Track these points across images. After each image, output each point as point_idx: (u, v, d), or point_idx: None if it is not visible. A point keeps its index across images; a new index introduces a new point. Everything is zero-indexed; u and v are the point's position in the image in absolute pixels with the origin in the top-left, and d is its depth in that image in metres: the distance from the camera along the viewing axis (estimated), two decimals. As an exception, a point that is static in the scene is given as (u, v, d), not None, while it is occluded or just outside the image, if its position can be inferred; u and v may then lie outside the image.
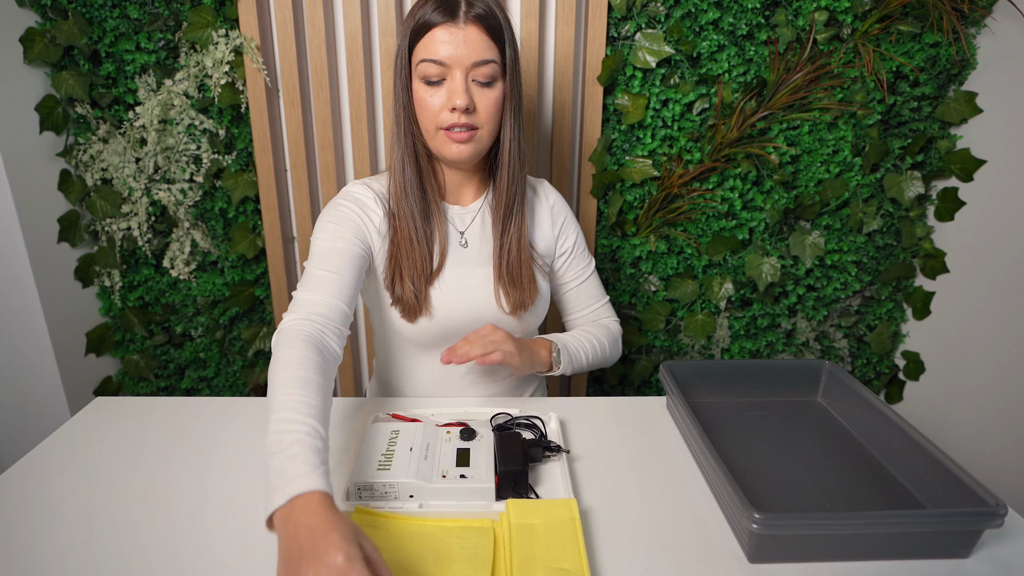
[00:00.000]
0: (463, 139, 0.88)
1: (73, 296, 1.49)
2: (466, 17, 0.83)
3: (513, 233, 0.96)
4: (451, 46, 0.83)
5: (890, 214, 1.51)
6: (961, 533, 0.66)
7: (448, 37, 0.83)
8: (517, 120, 0.92)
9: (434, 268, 0.95)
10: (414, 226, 0.93)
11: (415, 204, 0.93)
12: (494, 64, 0.86)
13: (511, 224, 0.96)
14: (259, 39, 1.33)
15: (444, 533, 0.66)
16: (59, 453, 0.84)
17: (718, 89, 1.37)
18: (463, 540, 0.65)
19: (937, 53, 1.38)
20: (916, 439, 0.77)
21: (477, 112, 0.87)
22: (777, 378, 0.97)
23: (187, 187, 1.45)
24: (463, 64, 0.84)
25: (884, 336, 1.61)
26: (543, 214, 1.04)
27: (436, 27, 0.83)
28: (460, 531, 0.67)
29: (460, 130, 0.87)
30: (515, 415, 0.88)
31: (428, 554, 0.63)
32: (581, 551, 0.64)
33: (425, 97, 0.87)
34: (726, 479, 0.68)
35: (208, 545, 0.68)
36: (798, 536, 0.65)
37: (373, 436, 0.79)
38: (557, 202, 1.06)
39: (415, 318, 0.94)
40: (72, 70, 1.35)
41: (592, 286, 1.10)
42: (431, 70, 0.85)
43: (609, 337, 1.08)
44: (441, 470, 0.73)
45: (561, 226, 1.05)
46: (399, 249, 0.93)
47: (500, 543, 0.66)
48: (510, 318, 0.98)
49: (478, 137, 0.89)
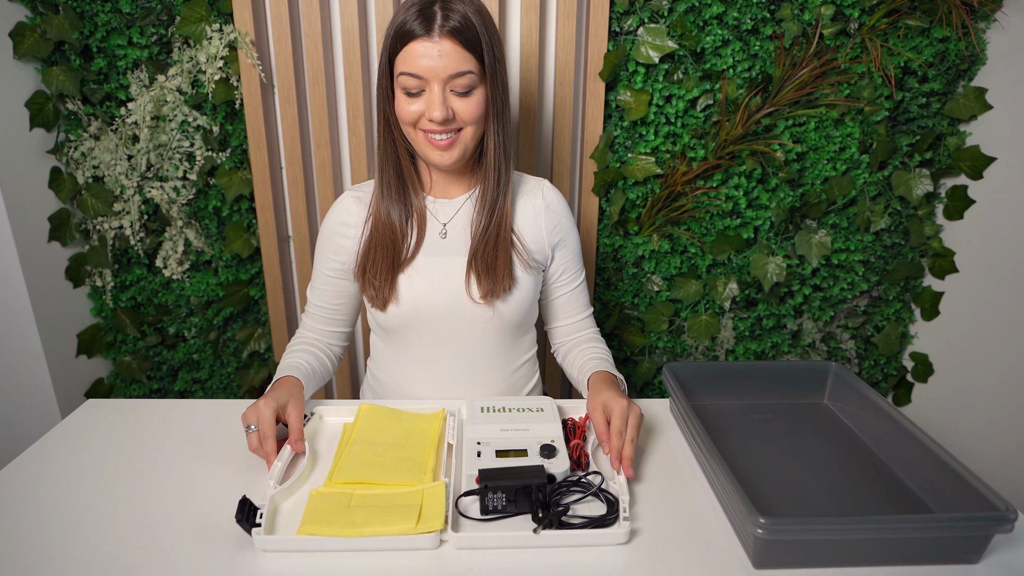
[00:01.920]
0: (445, 145, 0.92)
1: (64, 296, 1.49)
2: (441, 31, 0.86)
3: (492, 228, 0.99)
4: (427, 59, 0.87)
5: (898, 212, 1.51)
6: (971, 538, 0.66)
7: (424, 51, 0.87)
8: (501, 122, 0.95)
9: (405, 258, 0.99)
10: (388, 223, 0.99)
11: (392, 204, 0.99)
12: (471, 75, 0.89)
13: (492, 221, 0.99)
14: (254, 34, 1.33)
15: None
16: (50, 457, 0.84)
17: (722, 85, 1.37)
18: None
19: (946, 48, 1.38)
20: (925, 442, 0.77)
21: (458, 117, 0.91)
22: (782, 380, 0.97)
23: (180, 185, 1.45)
24: (440, 77, 0.88)
25: (892, 337, 1.61)
26: (537, 210, 1.04)
27: (413, 40, 0.87)
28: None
29: (442, 137, 0.92)
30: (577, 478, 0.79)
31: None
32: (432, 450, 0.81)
33: (405, 106, 0.91)
34: (730, 483, 0.68)
35: (200, 551, 0.68)
36: (804, 541, 0.65)
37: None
38: (555, 201, 1.06)
39: (384, 305, 0.99)
40: (63, 65, 1.35)
41: (582, 295, 1.10)
42: (410, 82, 0.89)
43: (609, 355, 1.09)
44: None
45: (556, 225, 1.04)
46: (371, 243, 0.99)
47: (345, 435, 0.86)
48: (480, 305, 0.98)
49: (461, 139, 0.93)
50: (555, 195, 1.07)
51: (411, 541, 0.67)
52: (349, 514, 0.70)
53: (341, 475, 0.78)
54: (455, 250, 1.00)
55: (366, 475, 0.77)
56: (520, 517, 0.72)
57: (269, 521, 0.70)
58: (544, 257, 1.04)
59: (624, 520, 0.70)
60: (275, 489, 0.73)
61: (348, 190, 1.05)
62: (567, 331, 1.10)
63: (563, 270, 1.06)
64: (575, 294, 1.09)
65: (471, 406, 0.90)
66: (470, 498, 0.75)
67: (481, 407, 0.89)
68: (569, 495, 0.75)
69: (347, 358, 1.59)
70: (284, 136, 1.41)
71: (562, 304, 1.09)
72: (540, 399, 0.91)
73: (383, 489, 0.75)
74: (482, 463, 0.77)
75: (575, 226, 1.08)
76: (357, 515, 0.70)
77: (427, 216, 1.02)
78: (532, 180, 1.08)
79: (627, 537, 0.69)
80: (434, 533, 0.68)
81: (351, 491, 0.75)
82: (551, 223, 1.04)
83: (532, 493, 0.71)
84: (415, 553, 0.67)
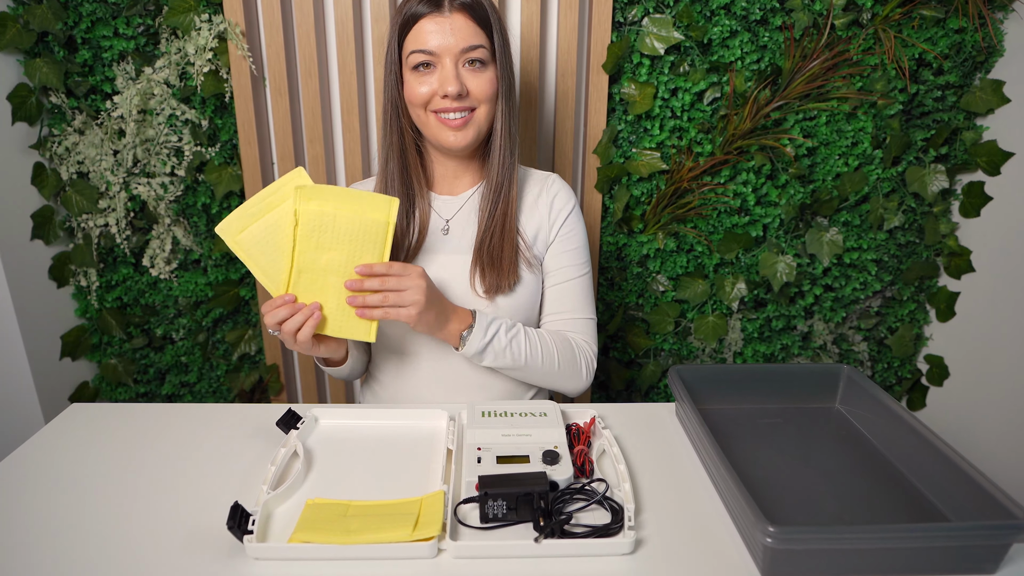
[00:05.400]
0: (458, 125, 0.94)
1: (47, 296, 1.49)
2: (451, 6, 0.90)
3: (499, 217, 0.99)
4: (439, 36, 0.90)
5: (912, 210, 1.51)
6: (987, 547, 0.66)
7: (435, 27, 0.90)
8: (509, 104, 0.97)
9: (405, 255, 1.00)
10: None
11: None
12: (483, 48, 0.92)
13: (498, 208, 0.99)
14: (244, 24, 1.33)
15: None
16: (32, 462, 0.84)
17: (730, 77, 1.37)
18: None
19: (962, 39, 1.38)
20: (940, 448, 0.77)
21: (471, 95, 0.93)
22: (793, 383, 0.97)
23: (168, 181, 1.45)
24: (452, 52, 0.91)
25: (906, 339, 1.61)
26: (541, 205, 1.04)
27: (423, 18, 0.90)
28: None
29: (455, 115, 0.93)
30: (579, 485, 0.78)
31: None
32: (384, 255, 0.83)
33: (416, 87, 0.93)
34: (739, 490, 0.68)
35: (190, 559, 0.68)
36: (815, 551, 0.65)
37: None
38: (561, 193, 1.06)
39: None
40: (46, 57, 1.35)
41: (578, 292, 1.04)
42: (421, 59, 0.91)
43: (566, 352, 1.00)
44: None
45: (559, 213, 1.04)
46: None
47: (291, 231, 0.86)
48: (484, 300, 0.99)
49: (475, 119, 0.95)
50: (562, 187, 1.06)
51: (408, 549, 0.68)
52: (344, 523, 0.70)
53: (296, 283, 0.86)
54: (457, 248, 1.01)
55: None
56: (521, 525, 0.72)
57: (261, 528, 0.70)
58: (543, 253, 1.04)
59: (629, 529, 0.70)
60: (268, 495, 0.74)
61: (353, 186, 1.07)
62: (553, 328, 1.05)
63: (557, 261, 1.04)
64: (571, 288, 1.03)
65: (471, 410, 0.90)
66: (469, 505, 0.75)
67: (482, 411, 0.89)
68: (572, 503, 0.75)
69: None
70: (275, 131, 1.42)
71: (554, 296, 1.04)
72: (543, 403, 0.91)
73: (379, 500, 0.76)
74: (482, 469, 0.77)
75: (581, 221, 1.07)
76: (352, 523, 0.70)
77: (430, 213, 1.03)
78: (539, 175, 1.09)
79: (632, 547, 0.69)
80: (432, 541, 0.68)
81: (348, 501, 0.75)
82: (555, 212, 1.04)
83: (534, 501, 0.71)
84: (412, 562, 0.68)
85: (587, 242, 1.08)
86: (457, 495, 0.76)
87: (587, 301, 1.06)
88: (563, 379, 1.02)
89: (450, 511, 0.72)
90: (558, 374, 1.00)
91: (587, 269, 1.06)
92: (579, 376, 1.03)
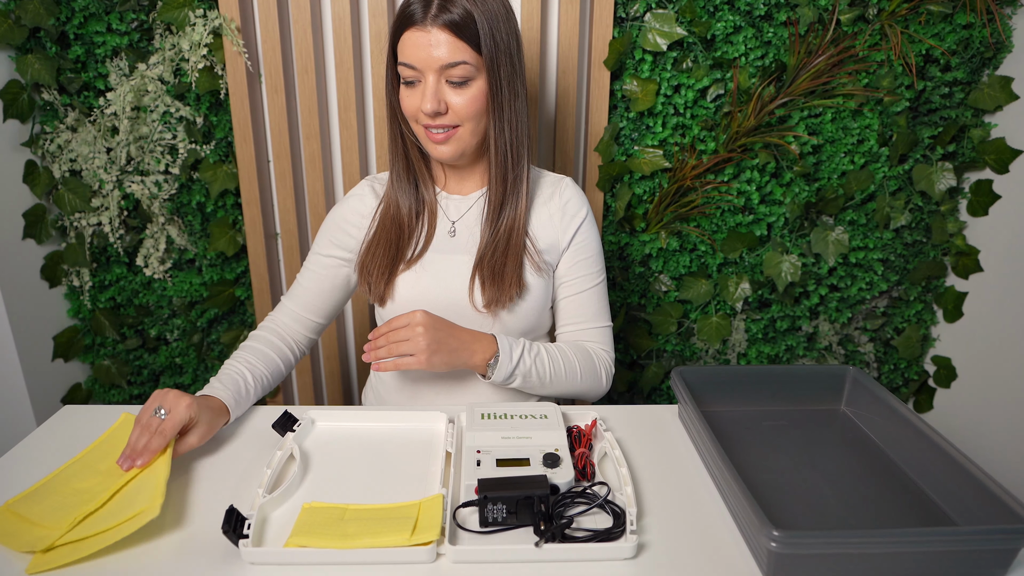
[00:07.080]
0: (441, 140, 0.94)
1: (39, 297, 1.49)
2: (433, 20, 0.87)
3: (505, 225, 0.99)
4: (420, 49, 0.88)
5: (919, 208, 1.52)
6: (996, 552, 0.66)
7: (416, 40, 0.88)
8: (505, 119, 0.94)
9: (411, 255, 1.01)
10: (396, 216, 1.02)
11: (401, 196, 1.02)
12: (466, 65, 0.89)
13: (504, 216, 0.99)
14: (239, 20, 1.33)
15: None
16: (24, 465, 0.84)
17: (734, 74, 1.37)
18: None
19: (970, 35, 1.38)
20: (947, 451, 0.77)
21: (453, 111, 0.92)
22: (797, 385, 0.97)
23: (162, 179, 1.45)
24: (432, 68, 0.89)
25: (913, 340, 1.61)
26: (553, 211, 1.04)
27: (408, 29, 0.89)
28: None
29: (437, 131, 0.93)
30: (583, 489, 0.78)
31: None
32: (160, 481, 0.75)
33: (405, 99, 0.94)
34: (742, 494, 0.68)
35: (184, 563, 0.68)
36: (820, 555, 0.65)
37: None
38: (574, 199, 1.04)
39: (382, 301, 1.01)
40: (38, 53, 1.35)
41: (594, 301, 1.06)
42: (406, 72, 0.91)
43: (586, 363, 1.02)
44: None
45: (571, 226, 1.04)
46: (376, 235, 1.02)
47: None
48: (484, 314, 0.98)
49: (458, 136, 0.94)
50: (574, 193, 1.06)
51: (406, 554, 0.68)
52: (341, 527, 0.70)
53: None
54: (463, 250, 1.01)
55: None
56: (521, 530, 0.72)
57: (257, 532, 0.70)
58: (555, 259, 1.04)
59: (631, 533, 0.70)
60: (264, 498, 0.74)
61: (367, 178, 1.09)
62: (570, 338, 1.07)
63: (572, 271, 1.04)
64: (586, 297, 1.05)
65: (471, 412, 0.90)
66: (469, 509, 0.75)
67: (482, 413, 0.89)
68: (573, 507, 0.75)
69: (337, 364, 1.59)
70: (271, 128, 1.42)
71: (568, 307, 1.06)
72: (544, 405, 0.91)
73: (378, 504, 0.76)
74: (482, 472, 0.77)
75: (595, 228, 1.07)
76: (350, 527, 0.70)
77: (438, 211, 1.04)
78: (552, 177, 1.08)
79: (634, 551, 0.69)
80: (430, 546, 0.68)
81: (345, 505, 0.75)
82: (566, 224, 1.03)
83: (534, 504, 0.71)
84: (411, 567, 0.68)
85: (601, 248, 1.08)
86: (456, 499, 0.76)
87: (603, 309, 1.08)
88: (584, 389, 1.04)
89: (449, 515, 0.72)
90: (580, 385, 1.03)
91: (602, 276, 1.07)
92: (599, 384, 1.05)
